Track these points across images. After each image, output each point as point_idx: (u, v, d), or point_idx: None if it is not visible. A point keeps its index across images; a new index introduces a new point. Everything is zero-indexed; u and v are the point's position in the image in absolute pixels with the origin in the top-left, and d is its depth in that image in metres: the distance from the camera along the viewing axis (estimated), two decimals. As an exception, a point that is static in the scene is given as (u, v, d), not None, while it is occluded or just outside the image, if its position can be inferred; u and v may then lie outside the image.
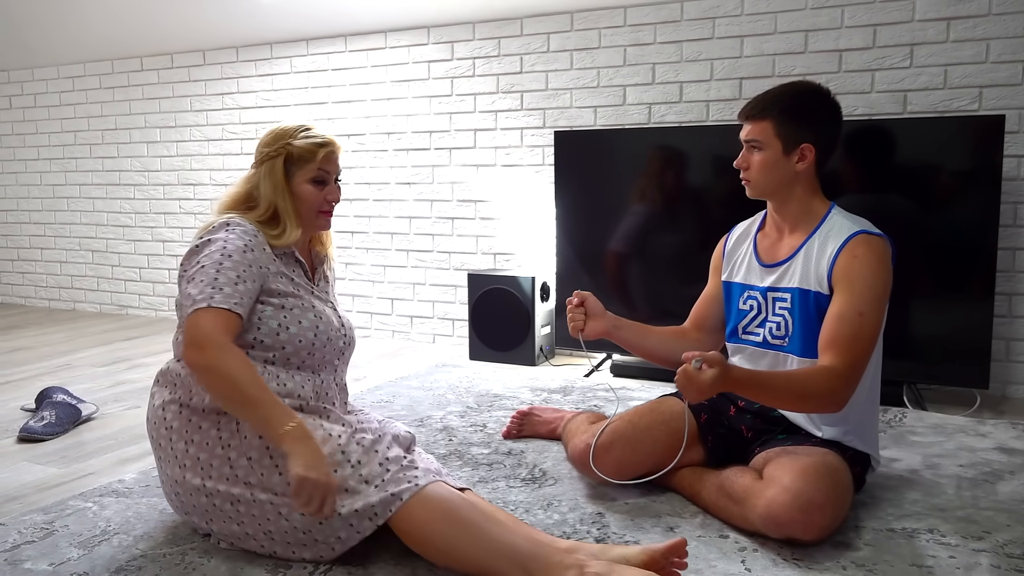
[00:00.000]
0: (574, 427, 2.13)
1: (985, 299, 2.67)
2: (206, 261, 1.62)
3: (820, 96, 1.88)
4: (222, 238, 1.66)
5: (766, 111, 1.86)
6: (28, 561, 1.64)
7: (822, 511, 1.62)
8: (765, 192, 1.90)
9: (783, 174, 1.86)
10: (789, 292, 1.88)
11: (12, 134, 5.16)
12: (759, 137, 1.86)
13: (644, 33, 3.37)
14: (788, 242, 1.92)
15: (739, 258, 2.03)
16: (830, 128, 1.88)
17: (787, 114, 1.84)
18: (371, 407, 2.77)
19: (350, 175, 4.10)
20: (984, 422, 2.54)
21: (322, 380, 1.77)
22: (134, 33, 4.39)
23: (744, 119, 1.91)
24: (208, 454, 1.62)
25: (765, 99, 1.88)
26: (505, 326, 3.45)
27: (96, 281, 5.01)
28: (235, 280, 1.61)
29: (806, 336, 1.84)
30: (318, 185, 1.78)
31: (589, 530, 1.76)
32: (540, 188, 3.64)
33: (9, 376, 3.33)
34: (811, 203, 1.89)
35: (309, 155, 1.75)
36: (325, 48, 4.09)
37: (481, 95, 3.73)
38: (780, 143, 1.85)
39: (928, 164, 2.72)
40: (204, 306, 1.55)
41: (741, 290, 2.00)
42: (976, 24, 2.84)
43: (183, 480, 1.64)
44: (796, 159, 1.85)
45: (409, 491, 1.51)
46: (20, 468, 2.24)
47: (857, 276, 1.75)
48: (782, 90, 1.90)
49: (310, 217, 1.79)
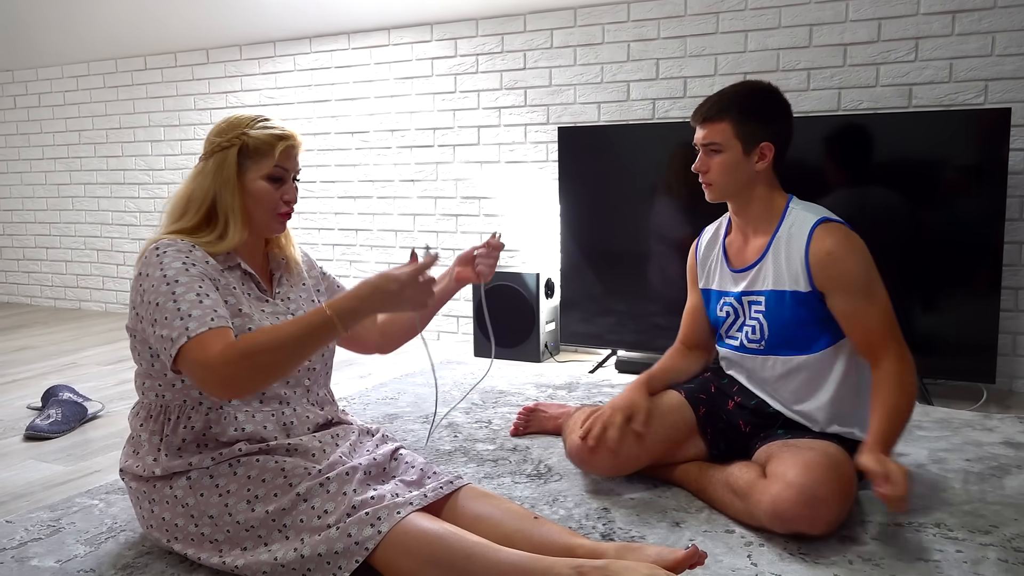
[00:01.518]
0: (573, 424, 2.12)
1: (991, 293, 2.66)
2: (158, 299, 1.47)
3: (772, 93, 1.88)
4: (155, 263, 1.50)
5: (724, 112, 1.83)
6: (35, 558, 1.64)
7: (827, 505, 1.61)
8: (726, 194, 1.89)
9: (744, 175, 1.85)
10: (763, 295, 1.88)
11: (17, 133, 5.18)
12: (718, 139, 1.84)
13: (648, 28, 3.36)
14: (754, 243, 1.92)
15: (711, 264, 2.04)
16: (786, 125, 1.88)
17: (745, 114, 1.83)
18: (376, 404, 2.78)
19: (354, 172, 4.10)
20: (991, 416, 2.54)
21: (293, 409, 1.63)
22: (138, 32, 4.39)
23: (700, 122, 1.88)
24: (171, 515, 1.54)
25: (720, 100, 1.85)
26: (510, 323, 3.44)
27: (101, 280, 5.02)
28: (198, 300, 1.46)
29: (783, 336, 1.86)
30: (274, 183, 1.61)
31: (595, 525, 1.76)
32: (544, 184, 3.64)
33: (15, 375, 3.33)
34: (771, 200, 1.89)
35: (267, 148, 1.59)
36: (328, 46, 4.09)
37: (484, 92, 3.73)
38: (740, 144, 1.83)
39: (934, 158, 2.71)
40: (184, 341, 1.41)
41: (718, 297, 2.00)
42: (982, 17, 2.82)
43: (154, 537, 1.60)
44: (756, 159, 1.84)
45: (374, 540, 1.40)
46: (27, 466, 2.25)
47: (840, 272, 1.77)
48: (735, 90, 1.88)
49: (263, 219, 1.62)
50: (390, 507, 1.44)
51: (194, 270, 1.51)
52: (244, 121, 1.61)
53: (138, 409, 1.65)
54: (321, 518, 1.45)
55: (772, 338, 1.87)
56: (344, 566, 1.41)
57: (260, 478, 1.51)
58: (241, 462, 1.53)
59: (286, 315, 1.68)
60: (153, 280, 1.49)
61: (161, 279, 1.48)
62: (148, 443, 1.59)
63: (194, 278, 1.50)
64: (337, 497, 1.47)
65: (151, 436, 1.59)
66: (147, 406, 1.63)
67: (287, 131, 1.62)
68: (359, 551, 1.40)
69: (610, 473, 1.94)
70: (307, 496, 1.47)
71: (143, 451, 1.60)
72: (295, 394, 1.66)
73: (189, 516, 1.53)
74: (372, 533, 1.41)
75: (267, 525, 1.47)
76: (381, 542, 1.40)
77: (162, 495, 1.55)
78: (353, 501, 1.46)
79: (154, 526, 1.58)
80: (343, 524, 1.43)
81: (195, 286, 1.48)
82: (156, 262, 1.51)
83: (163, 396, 1.59)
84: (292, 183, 1.65)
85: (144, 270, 1.52)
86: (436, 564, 1.37)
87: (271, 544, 1.47)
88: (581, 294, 3.33)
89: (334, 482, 1.49)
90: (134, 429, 1.64)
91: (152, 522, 1.59)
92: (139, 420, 1.63)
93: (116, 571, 1.58)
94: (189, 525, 1.53)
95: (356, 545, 1.41)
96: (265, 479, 1.50)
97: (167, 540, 1.57)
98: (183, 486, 1.54)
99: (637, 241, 3.19)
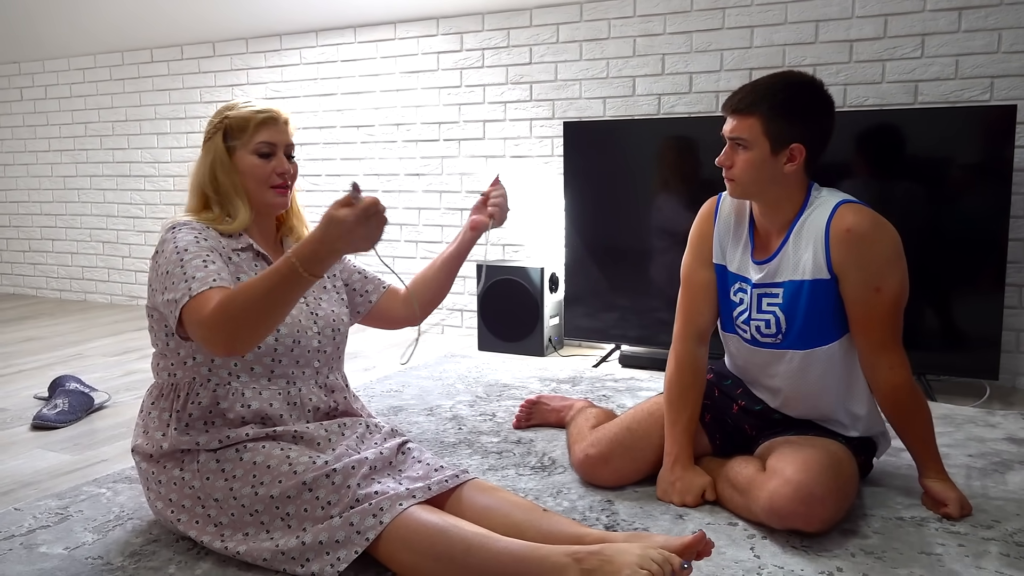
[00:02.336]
0: (576, 431, 2.08)
1: (995, 290, 2.66)
2: (168, 267, 1.53)
3: (813, 90, 1.74)
4: (170, 239, 1.58)
5: (754, 106, 1.70)
6: (44, 545, 1.66)
7: (824, 504, 1.61)
8: (749, 193, 1.77)
9: (769, 175, 1.73)
10: (780, 287, 1.78)
11: (23, 125, 5.19)
12: (745, 135, 1.71)
13: (654, 23, 3.36)
14: (775, 234, 1.82)
15: (730, 243, 1.89)
16: (822, 126, 1.74)
17: (777, 111, 1.69)
18: (380, 397, 2.79)
19: (359, 166, 4.11)
20: (994, 413, 2.54)
21: (299, 389, 1.67)
22: (144, 25, 4.40)
23: (729, 112, 1.75)
24: (178, 495, 1.58)
25: (754, 92, 1.72)
26: (514, 317, 3.45)
27: (107, 272, 5.04)
28: (203, 265, 1.51)
29: (806, 328, 1.77)
30: (263, 159, 1.67)
31: (599, 517, 1.77)
32: (549, 179, 3.64)
33: (22, 365, 3.35)
34: (798, 197, 1.78)
35: (245, 123, 1.65)
36: (334, 39, 4.09)
37: (490, 86, 3.73)
38: (768, 142, 1.70)
39: (939, 155, 2.71)
40: (186, 300, 1.46)
41: (735, 279, 1.87)
42: (988, 14, 2.82)
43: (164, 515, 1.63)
44: (784, 160, 1.72)
45: (375, 530, 1.42)
46: (34, 455, 2.27)
47: (859, 251, 1.68)
48: (771, 82, 1.73)
49: (259, 193, 1.68)
50: (393, 498, 1.46)
51: (204, 243, 1.57)
52: (230, 106, 1.70)
53: (151, 388, 1.71)
54: (324, 509, 1.47)
55: (790, 331, 1.78)
56: (344, 556, 1.42)
57: (265, 464, 1.53)
58: (248, 448, 1.56)
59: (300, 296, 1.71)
60: (166, 254, 1.56)
61: (173, 250, 1.55)
62: (158, 420, 1.64)
63: (203, 248, 1.56)
64: (341, 489, 1.48)
65: (161, 413, 1.64)
66: (159, 385, 1.68)
67: (265, 107, 1.68)
68: (360, 541, 1.42)
69: (617, 485, 1.93)
70: (312, 486, 1.48)
71: (152, 428, 1.64)
72: (303, 374, 1.69)
73: (196, 498, 1.56)
74: (373, 523, 1.42)
75: (270, 511, 1.49)
76: (382, 534, 1.42)
77: (170, 476, 1.59)
78: (357, 495, 1.47)
79: (161, 506, 1.62)
80: (345, 514, 1.44)
81: (203, 254, 1.54)
82: (170, 238, 1.58)
83: (175, 375, 1.64)
84: (284, 157, 1.69)
85: (159, 247, 1.59)
86: (436, 557, 1.38)
87: (273, 531, 1.49)
88: (585, 289, 3.34)
89: (340, 474, 1.50)
90: (145, 407, 1.69)
91: (159, 502, 1.62)
92: (151, 398, 1.69)
93: (124, 558, 1.60)
94: (196, 507, 1.56)
95: (357, 535, 1.42)
96: (270, 465, 1.52)
97: (174, 520, 1.59)
98: (191, 469, 1.57)
99: (641, 236, 3.20)
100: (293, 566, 1.46)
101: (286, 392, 1.65)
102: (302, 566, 1.45)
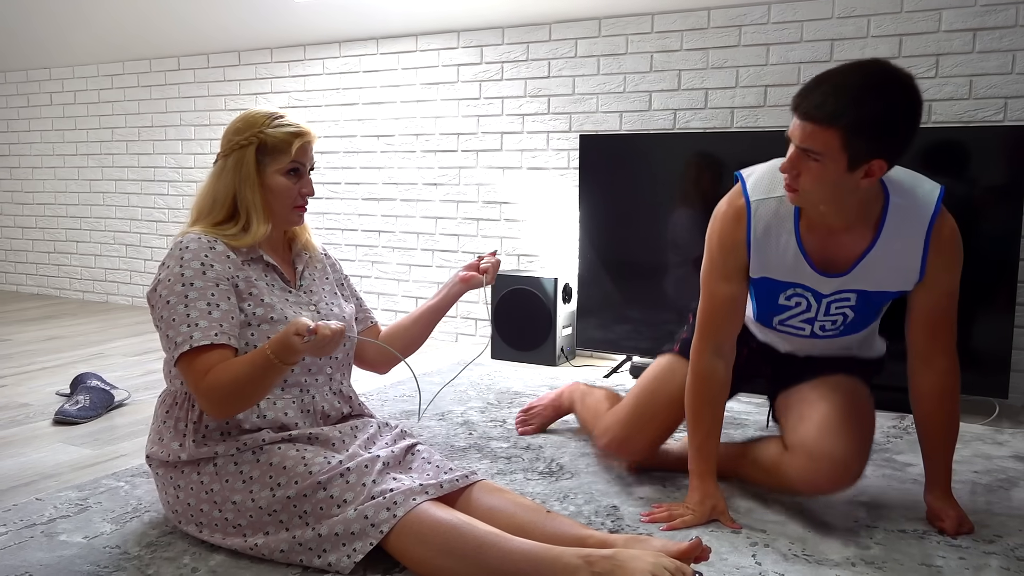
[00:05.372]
0: (590, 415, 2.18)
1: (1006, 310, 2.67)
2: (171, 297, 1.56)
3: (904, 97, 1.45)
4: (176, 260, 1.58)
5: (835, 120, 1.42)
6: (63, 534, 1.71)
7: (849, 469, 1.70)
8: (813, 205, 1.57)
9: (841, 189, 1.51)
10: (854, 293, 1.69)
11: (52, 130, 5.30)
12: (820, 149, 1.46)
13: (671, 40, 3.40)
14: (847, 242, 1.62)
15: (776, 254, 1.68)
16: (908, 136, 1.48)
17: (862, 128, 1.43)
18: (394, 401, 2.83)
19: (379, 175, 4.17)
20: (1002, 431, 2.55)
21: (312, 396, 1.70)
22: (172, 33, 4.50)
23: (803, 117, 1.47)
24: (196, 500, 1.61)
25: (836, 101, 1.42)
26: (527, 326, 3.49)
27: (129, 275, 5.13)
28: (207, 310, 1.54)
29: (861, 322, 1.81)
30: (292, 176, 1.68)
31: (604, 522, 1.80)
32: (564, 191, 3.69)
33: (45, 363, 3.43)
34: (876, 206, 1.60)
35: (284, 145, 1.65)
36: (357, 50, 4.17)
37: (509, 99, 3.79)
38: (845, 159, 1.46)
39: (952, 174, 2.73)
40: (186, 348, 1.52)
41: (784, 287, 1.72)
42: (1002, 35, 2.85)
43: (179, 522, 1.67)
44: (861, 175, 1.49)
45: (389, 523, 1.46)
46: (55, 448, 2.32)
47: (954, 259, 1.68)
48: (857, 90, 1.43)
49: (283, 212, 1.70)
50: (406, 493, 1.49)
51: (212, 272, 1.58)
52: (260, 119, 1.67)
53: (164, 396, 1.72)
54: (340, 507, 1.50)
55: (853, 324, 1.79)
56: (359, 548, 1.46)
57: (282, 465, 1.56)
58: (264, 450, 1.59)
59: (309, 306, 1.74)
60: (171, 275, 1.58)
61: (179, 277, 1.57)
62: (173, 430, 1.65)
63: (209, 282, 1.57)
64: (356, 487, 1.52)
65: (176, 423, 1.65)
66: (172, 393, 1.69)
67: (302, 128, 1.69)
68: (374, 533, 1.45)
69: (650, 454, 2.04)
70: (327, 485, 1.52)
71: (167, 438, 1.66)
72: (317, 381, 1.72)
73: (213, 502, 1.58)
74: (387, 516, 1.46)
75: (288, 511, 1.53)
76: (395, 528, 1.45)
77: (188, 481, 1.61)
78: (372, 492, 1.51)
79: (179, 511, 1.64)
80: (360, 507, 1.48)
81: (208, 293, 1.56)
82: (178, 256, 1.59)
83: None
84: (308, 176, 1.73)
85: (167, 260, 1.61)
86: (449, 553, 1.41)
87: (292, 528, 1.53)
88: (598, 300, 3.37)
89: (353, 472, 1.54)
90: (159, 416, 1.71)
91: (177, 507, 1.64)
92: (164, 407, 1.70)
93: (141, 548, 1.64)
94: (213, 511, 1.58)
95: (372, 527, 1.46)
96: (287, 466, 1.56)
97: (192, 525, 1.62)
98: (209, 472, 1.59)
99: (654, 249, 3.23)
100: (310, 557, 1.50)
101: (300, 400, 1.68)
102: (319, 557, 1.49)
